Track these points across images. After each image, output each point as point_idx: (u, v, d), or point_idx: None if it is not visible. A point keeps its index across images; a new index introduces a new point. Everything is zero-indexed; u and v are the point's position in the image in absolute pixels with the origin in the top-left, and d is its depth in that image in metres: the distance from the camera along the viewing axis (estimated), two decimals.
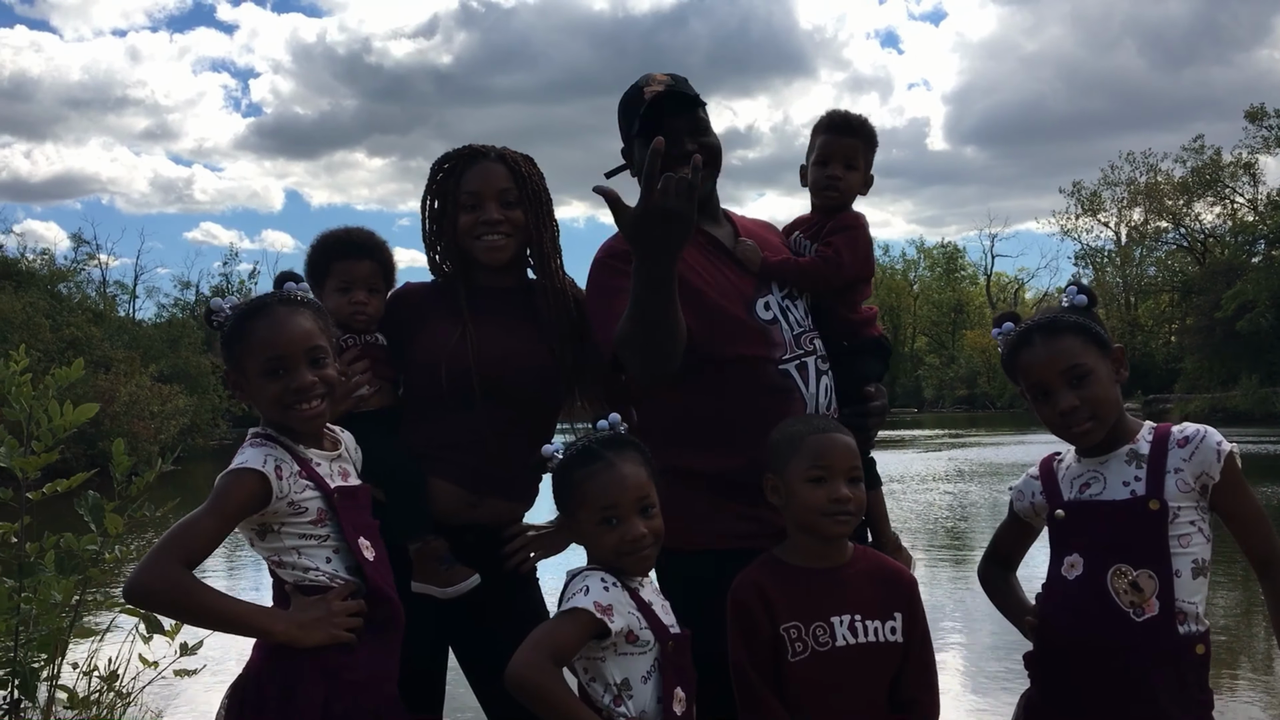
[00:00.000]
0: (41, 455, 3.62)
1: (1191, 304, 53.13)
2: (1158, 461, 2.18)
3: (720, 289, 2.60)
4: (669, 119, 2.58)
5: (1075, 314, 2.28)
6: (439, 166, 2.81)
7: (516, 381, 2.67)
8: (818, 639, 2.20)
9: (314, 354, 2.17)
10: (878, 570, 2.31)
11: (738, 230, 2.77)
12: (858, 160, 2.80)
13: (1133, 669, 2.12)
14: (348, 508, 2.19)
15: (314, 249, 2.78)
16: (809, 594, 2.23)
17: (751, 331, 2.58)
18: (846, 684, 2.19)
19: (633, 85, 2.70)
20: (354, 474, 2.31)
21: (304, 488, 2.15)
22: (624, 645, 2.10)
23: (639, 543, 2.15)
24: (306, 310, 2.22)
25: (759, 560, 2.32)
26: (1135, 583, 2.13)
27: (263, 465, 2.10)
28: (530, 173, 2.79)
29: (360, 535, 2.18)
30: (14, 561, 3.62)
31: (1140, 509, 2.15)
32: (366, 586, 2.15)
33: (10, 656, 3.47)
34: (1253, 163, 54.22)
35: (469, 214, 2.73)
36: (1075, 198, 63.77)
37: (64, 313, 30.82)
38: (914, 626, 2.26)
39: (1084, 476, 2.26)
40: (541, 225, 2.78)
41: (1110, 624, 2.13)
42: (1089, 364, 2.21)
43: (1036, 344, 2.24)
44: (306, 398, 2.15)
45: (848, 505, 2.21)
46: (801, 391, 2.58)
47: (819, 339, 2.70)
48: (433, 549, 2.56)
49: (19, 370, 3.71)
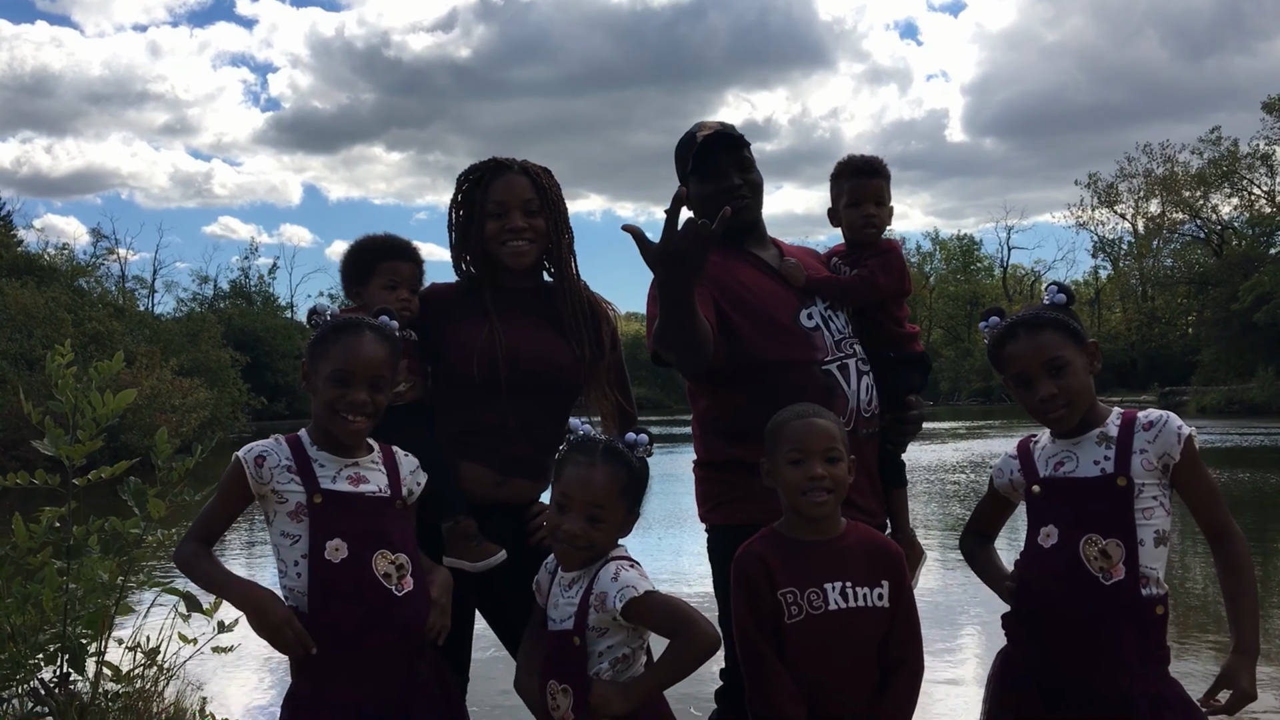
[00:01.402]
0: (86, 443, 3.81)
1: (1208, 296, 52.84)
2: (1125, 443, 2.41)
3: (768, 301, 2.93)
4: (718, 156, 2.94)
5: (1055, 310, 2.50)
6: (466, 178, 3.08)
7: (539, 374, 2.94)
8: (812, 603, 2.41)
9: (377, 380, 2.45)
10: (868, 543, 2.52)
11: (783, 253, 3.10)
12: (885, 196, 3.13)
13: (1102, 627, 2.33)
14: (326, 511, 2.38)
15: (360, 249, 3.01)
16: (805, 563, 2.45)
17: (797, 337, 2.90)
18: (838, 644, 2.41)
19: (686, 132, 3.04)
20: (377, 485, 2.47)
21: (289, 480, 2.41)
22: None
23: (570, 538, 2.37)
24: (387, 343, 2.50)
25: (760, 534, 2.54)
26: (1104, 550, 2.35)
27: (245, 453, 2.42)
28: (549, 184, 3.06)
29: (339, 538, 2.36)
30: (62, 544, 3.81)
31: (1109, 485, 2.38)
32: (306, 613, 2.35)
33: (60, 632, 3.67)
34: (1270, 154, 53.93)
35: (495, 221, 2.99)
36: (1092, 190, 63.58)
37: (85, 307, 31.12)
38: (900, 593, 2.47)
39: (1058, 455, 2.48)
40: (560, 232, 3.06)
41: (1082, 587, 2.35)
42: (1067, 356, 2.43)
43: (1020, 337, 2.47)
44: (355, 411, 2.42)
45: (823, 482, 2.42)
46: (844, 389, 2.88)
47: (859, 345, 3.01)
48: (463, 528, 2.79)
49: (65, 364, 3.90)
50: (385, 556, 2.39)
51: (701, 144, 2.94)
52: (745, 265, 2.97)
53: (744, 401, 2.85)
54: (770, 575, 2.44)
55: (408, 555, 2.43)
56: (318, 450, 2.46)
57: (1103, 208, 63.86)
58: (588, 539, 2.37)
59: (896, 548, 2.58)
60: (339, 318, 2.53)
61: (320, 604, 2.35)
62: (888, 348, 3.10)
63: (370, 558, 2.38)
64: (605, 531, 2.39)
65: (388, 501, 2.47)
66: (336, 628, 2.33)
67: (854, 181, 3.12)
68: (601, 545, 2.40)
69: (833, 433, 2.48)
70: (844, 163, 3.16)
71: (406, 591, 2.40)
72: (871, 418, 2.95)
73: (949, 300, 72.75)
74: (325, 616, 2.34)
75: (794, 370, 2.85)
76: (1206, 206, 58.51)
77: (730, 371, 2.86)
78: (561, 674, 2.34)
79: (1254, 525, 13.32)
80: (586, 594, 2.36)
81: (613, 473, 2.40)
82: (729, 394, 2.91)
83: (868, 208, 3.10)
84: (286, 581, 2.41)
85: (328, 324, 2.50)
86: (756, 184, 3.02)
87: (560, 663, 2.35)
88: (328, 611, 2.34)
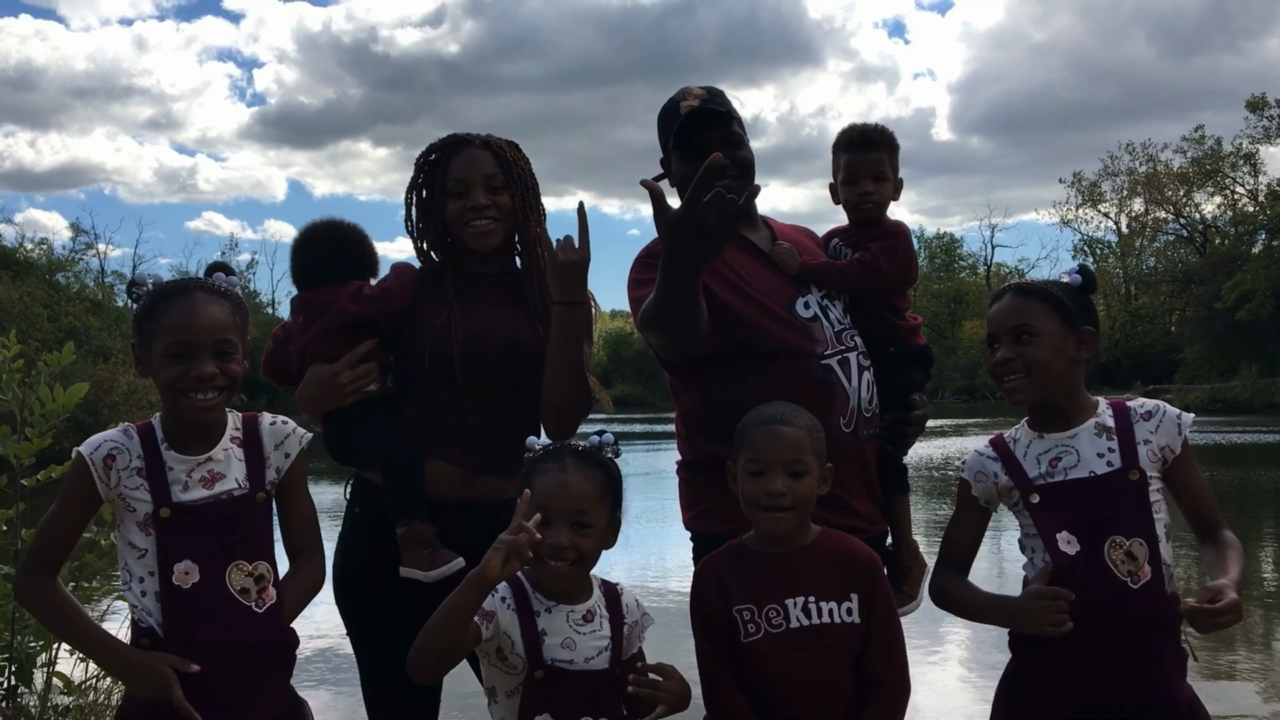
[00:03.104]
0: (35, 440, 3.62)
1: (1191, 294, 53.15)
2: (1126, 433, 2.28)
3: (761, 289, 2.67)
4: (704, 132, 2.64)
5: (1059, 288, 2.38)
6: (424, 157, 2.83)
7: (502, 362, 2.70)
8: (770, 620, 2.22)
9: (222, 346, 2.12)
10: (839, 552, 2.30)
11: (775, 235, 2.82)
12: (885, 171, 2.85)
13: (1136, 634, 2.18)
14: (174, 528, 2.08)
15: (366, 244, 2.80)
16: (764, 577, 2.25)
17: (794, 328, 2.65)
18: (802, 664, 2.20)
19: (670, 98, 2.77)
20: (235, 480, 2.16)
21: (138, 485, 2.10)
22: (494, 658, 2.12)
23: (558, 551, 2.12)
24: (226, 302, 2.16)
25: (725, 546, 2.35)
26: (1130, 552, 2.20)
27: (92, 450, 2.08)
28: (515, 158, 2.81)
29: (188, 560, 2.07)
30: (10, 548, 3.61)
31: (1122, 480, 2.24)
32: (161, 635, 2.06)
33: (7, 643, 3.46)
34: (1253, 153, 54.22)
35: (457, 201, 2.75)
36: (1075, 188, 63.73)
37: (62, 302, 30.77)
38: (875, 607, 2.25)
39: (1052, 452, 2.31)
40: (528, 209, 2.81)
41: (1113, 594, 2.18)
42: (1038, 326, 2.31)
43: (1004, 298, 2.39)
44: (202, 387, 2.09)
45: (781, 500, 2.21)
46: (844, 386, 2.63)
47: (859, 337, 2.75)
48: (418, 532, 2.57)
49: (10, 357, 3.70)
50: (241, 569, 2.11)
51: (684, 119, 2.67)
52: (734, 249, 2.67)
53: (735, 397, 2.55)
54: (723, 591, 2.26)
55: (267, 561, 2.16)
56: (167, 449, 2.13)
57: (1086, 206, 64.04)
58: (576, 550, 2.14)
59: (870, 558, 2.34)
60: (161, 284, 2.17)
61: (172, 631, 2.06)
62: (887, 341, 2.84)
63: (224, 575, 2.10)
64: (592, 538, 2.17)
65: (246, 499, 2.16)
66: (193, 654, 2.05)
67: (850, 155, 2.85)
68: (589, 556, 2.18)
69: (800, 443, 2.25)
70: (843, 133, 2.89)
71: (269, 606, 2.13)
72: (872, 417, 2.71)
73: (933, 298, 72.95)
74: (180, 642, 2.05)
75: (791, 364, 2.61)
76: (1190, 205, 58.82)
77: (721, 362, 2.62)
78: (597, 711, 2.12)
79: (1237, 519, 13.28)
80: (617, 624, 2.19)
81: (589, 474, 2.20)
82: (718, 388, 2.65)
83: (864, 184, 2.83)
84: (131, 594, 2.12)
85: (149, 292, 2.15)
86: (746, 162, 2.71)
87: (596, 701, 2.13)
88: (180, 639, 2.06)
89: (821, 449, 2.31)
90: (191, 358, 2.08)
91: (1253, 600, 7.64)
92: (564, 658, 2.12)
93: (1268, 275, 44.10)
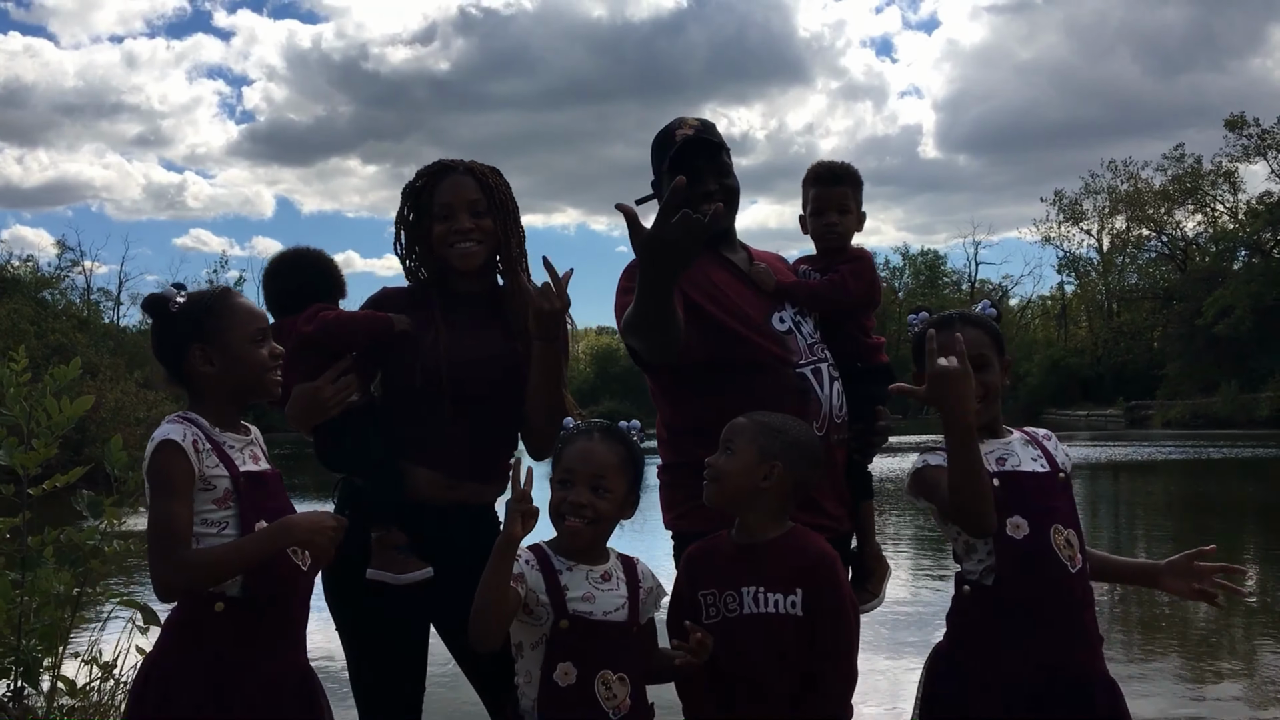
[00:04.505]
0: (42, 450, 3.74)
1: (1173, 311, 53.52)
2: (1042, 446, 2.61)
3: (741, 304, 2.90)
4: (696, 159, 2.89)
5: (988, 318, 2.70)
6: (411, 185, 3.03)
7: (484, 379, 2.88)
8: (727, 606, 2.45)
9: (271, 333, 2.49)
10: (795, 548, 2.48)
11: (752, 257, 3.07)
12: (849, 204, 3.12)
13: (1074, 612, 2.47)
14: (252, 493, 2.34)
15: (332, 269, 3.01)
16: (729, 566, 2.48)
17: (771, 340, 2.88)
18: (752, 649, 2.41)
19: (666, 126, 3.01)
20: (265, 460, 2.47)
21: (215, 464, 2.31)
22: (522, 614, 2.34)
23: (576, 508, 2.38)
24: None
25: (708, 537, 2.58)
26: (1068, 539, 2.48)
27: (182, 438, 2.27)
28: (497, 184, 3.00)
29: (261, 520, 2.32)
30: (16, 555, 3.73)
31: (1055, 480, 2.56)
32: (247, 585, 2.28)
33: (14, 646, 3.59)
34: (1233, 171, 54.79)
35: (442, 224, 2.94)
36: (1057, 206, 64.21)
37: (48, 319, 30.73)
38: (820, 602, 2.42)
39: (997, 452, 2.56)
40: (509, 231, 3.00)
41: (1058, 574, 2.45)
42: (989, 356, 2.59)
43: (956, 329, 2.56)
44: (278, 367, 2.44)
45: (583, 511, 2.40)
46: (818, 394, 2.85)
47: (829, 351, 2.98)
48: (392, 538, 2.76)
49: (20, 370, 3.83)
50: None
51: (680, 146, 2.92)
52: (717, 267, 2.94)
53: (716, 403, 2.75)
54: (693, 576, 2.52)
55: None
56: (221, 432, 2.38)
57: (1069, 224, 64.50)
58: (594, 509, 2.40)
59: (822, 554, 2.51)
60: (207, 290, 2.50)
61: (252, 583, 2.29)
62: (854, 359, 3.07)
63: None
64: (610, 503, 2.42)
65: (278, 478, 2.47)
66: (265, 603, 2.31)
67: (817, 189, 3.13)
68: (607, 518, 2.43)
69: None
70: (811, 169, 3.16)
71: (310, 563, 2.40)
72: (842, 424, 2.92)
73: None
74: (261, 594, 2.30)
75: (768, 371, 2.83)
76: (1171, 223, 59.32)
77: (703, 372, 2.83)
78: (616, 663, 2.35)
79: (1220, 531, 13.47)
80: (634, 587, 2.43)
81: (612, 446, 2.46)
82: (700, 395, 2.86)
83: (830, 216, 3.10)
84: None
85: (201, 296, 2.45)
86: (732, 189, 2.98)
87: (615, 653, 2.36)
88: (262, 590, 2.30)
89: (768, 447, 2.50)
90: (269, 340, 2.44)
91: (1238, 613, 7.79)
92: (585, 609, 2.35)
93: (1247, 291, 44.53)
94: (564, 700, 2.30)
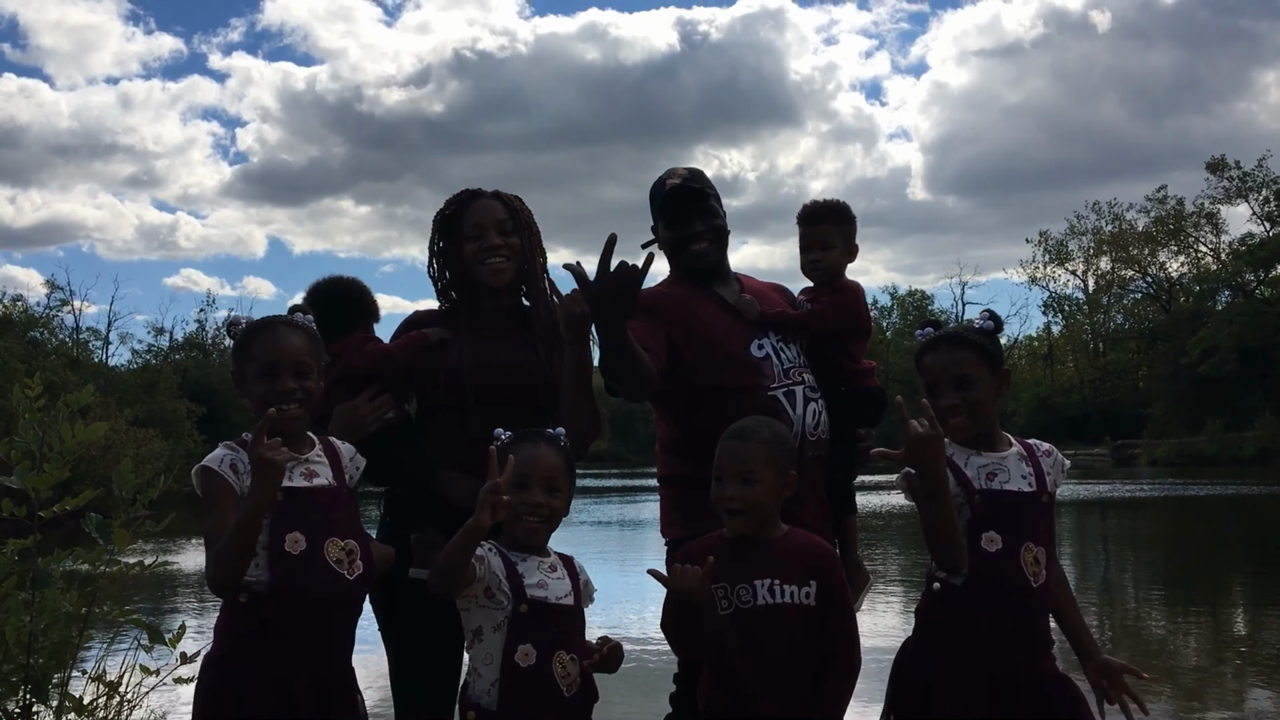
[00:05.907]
0: (53, 474, 3.86)
1: (1158, 351, 53.93)
2: (1037, 464, 2.72)
3: (721, 333, 3.17)
4: (684, 204, 3.20)
5: (978, 334, 2.77)
6: (441, 213, 3.31)
7: (512, 387, 3.11)
8: (741, 598, 2.62)
9: (299, 367, 2.59)
10: (804, 546, 2.71)
11: (744, 288, 3.31)
12: (833, 240, 3.34)
13: (1033, 623, 2.65)
14: (289, 507, 2.48)
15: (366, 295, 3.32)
16: (738, 561, 2.64)
17: (746, 365, 3.13)
18: (768, 639, 2.59)
19: (659, 177, 3.30)
20: (326, 477, 2.59)
21: None
22: (482, 598, 2.51)
23: (536, 508, 2.57)
24: (302, 332, 2.65)
25: (708, 535, 2.74)
26: (1036, 558, 2.63)
27: (219, 464, 2.49)
28: (521, 208, 3.29)
29: (297, 531, 2.47)
30: (27, 575, 3.84)
31: (1038, 500, 2.69)
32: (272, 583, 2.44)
33: (23, 664, 3.68)
34: (1215, 212, 55.46)
35: (473, 243, 3.20)
36: (1042, 247, 64.79)
37: (39, 358, 30.74)
38: (831, 595, 2.66)
39: (989, 467, 2.70)
40: (534, 251, 3.28)
41: (1021, 588, 2.61)
42: (974, 374, 2.71)
43: (940, 350, 2.75)
44: (286, 400, 2.54)
45: (540, 510, 2.58)
46: (789, 413, 3.08)
47: (809, 374, 3.20)
48: (430, 540, 2.93)
49: (34, 396, 3.96)
50: (336, 543, 2.53)
51: (667, 194, 3.21)
52: (707, 302, 3.22)
53: (696, 423, 3.05)
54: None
55: (356, 541, 2.57)
56: None
57: (1054, 264, 65.06)
58: (550, 508, 2.60)
59: (829, 552, 2.77)
60: (253, 321, 2.69)
61: (281, 587, 2.45)
62: (840, 383, 3.27)
63: (323, 546, 2.51)
64: (561, 502, 2.63)
65: (337, 491, 2.60)
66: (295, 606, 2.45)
67: (801, 228, 3.38)
68: (558, 514, 2.63)
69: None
70: (800, 209, 3.40)
71: (357, 574, 2.54)
72: (818, 441, 3.13)
73: (904, 355, 73.51)
74: (287, 597, 2.45)
75: (741, 395, 3.05)
76: (1155, 264, 59.93)
77: (691, 395, 3.12)
78: (569, 645, 2.53)
79: (1206, 569, 13.61)
80: (574, 578, 2.63)
81: (557, 451, 2.66)
82: (684, 416, 3.18)
83: (814, 253, 3.33)
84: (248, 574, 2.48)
85: (244, 328, 2.66)
86: (719, 229, 3.26)
87: (568, 635, 2.55)
88: (287, 594, 2.45)
89: (781, 460, 2.67)
90: (276, 376, 2.56)
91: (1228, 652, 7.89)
92: (541, 595, 2.54)
93: (1231, 331, 44.98)
94: (525, 678, 2.47)
